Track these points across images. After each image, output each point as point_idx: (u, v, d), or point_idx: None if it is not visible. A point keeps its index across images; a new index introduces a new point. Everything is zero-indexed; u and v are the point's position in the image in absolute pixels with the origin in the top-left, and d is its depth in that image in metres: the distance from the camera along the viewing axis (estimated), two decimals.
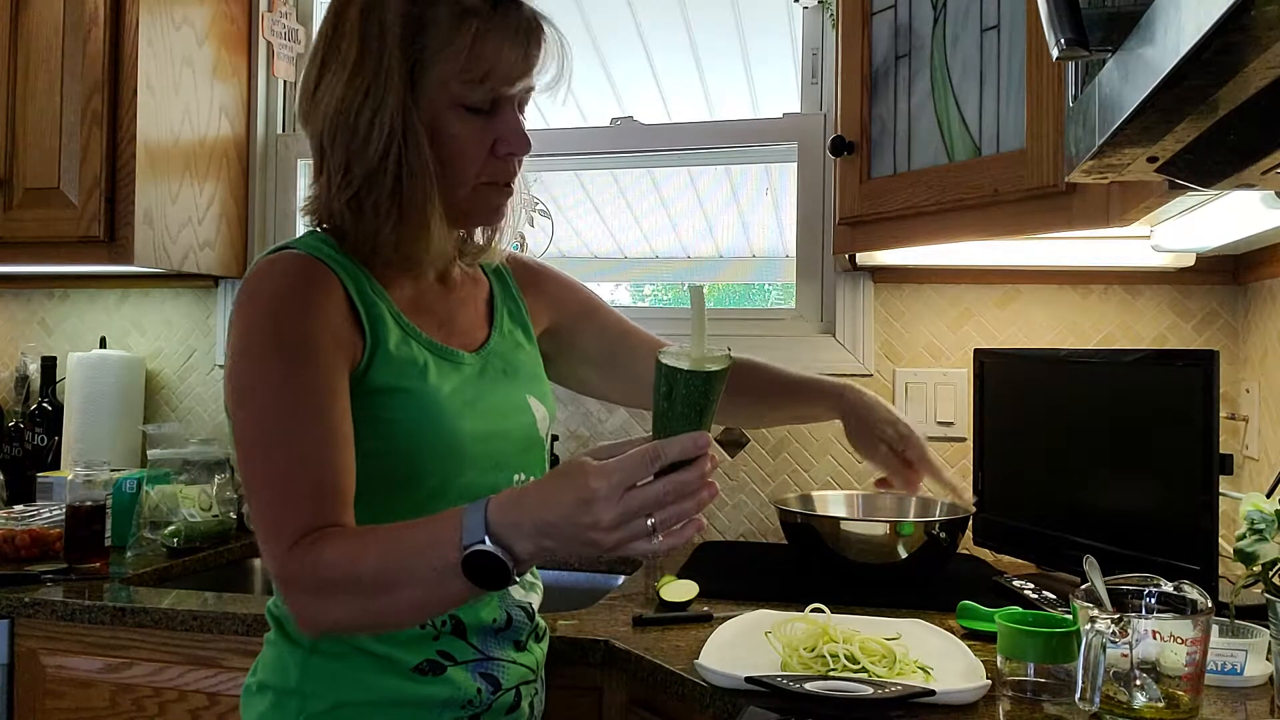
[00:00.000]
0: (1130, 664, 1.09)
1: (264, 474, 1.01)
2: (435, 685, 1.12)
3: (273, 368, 1.02)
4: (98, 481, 1.86)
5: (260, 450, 1.01)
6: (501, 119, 1.12)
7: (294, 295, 1.05)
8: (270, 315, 1.04)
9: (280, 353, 1.03)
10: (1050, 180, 1.41)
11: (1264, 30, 0.58)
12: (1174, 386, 1.48)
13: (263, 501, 1.00)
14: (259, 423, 1.02)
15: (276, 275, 1.07)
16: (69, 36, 2.12)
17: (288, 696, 1.11)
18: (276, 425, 1.01)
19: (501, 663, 1.17)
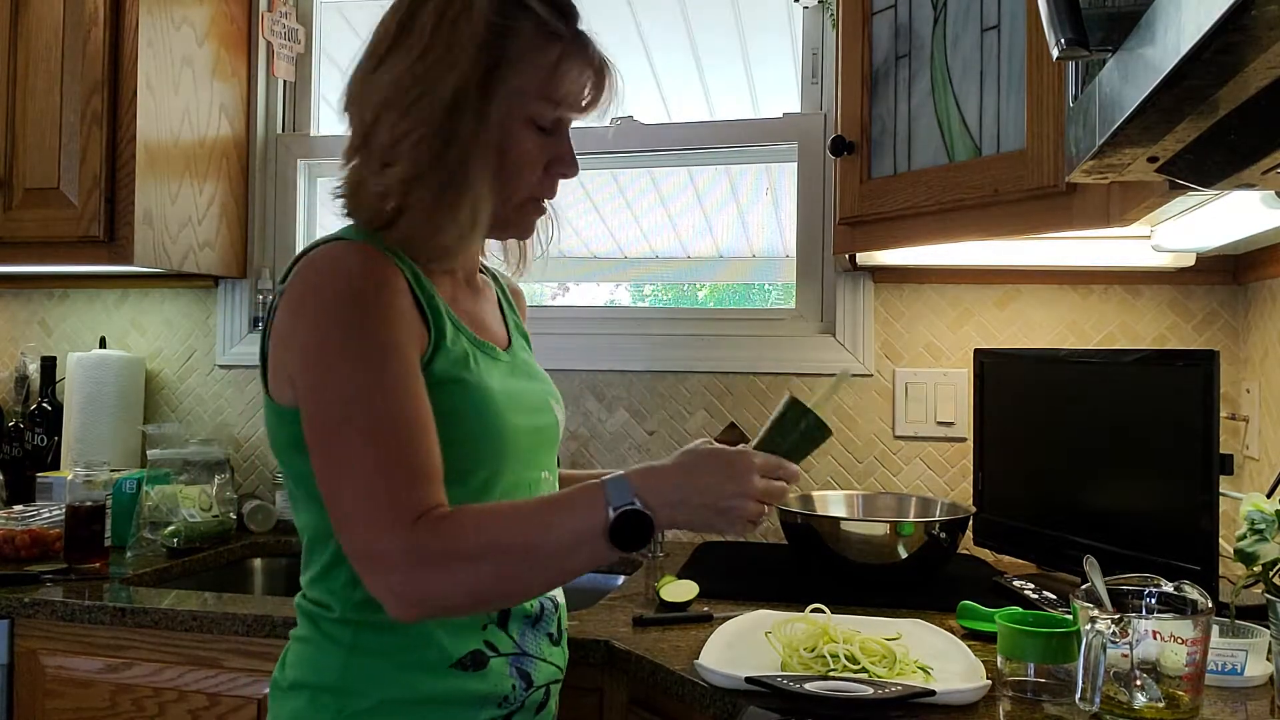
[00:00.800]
0: (1130, 664, 1.09)
1: (372, 456, 0.98)
2: (474, 680, 1.12)
3: (364, 353, 1.01)
4: (97, 482, 1.85)
5: (361, 434, 0.99)
6: (559, 140, 1.16)
7: (371, 282, 1.04)
8: (352, 302, 1.03)
9: (369, 338, 1.02)
10: (1050, 180, 1.41)
11: (1264, 30, 0.58)
12: (1174, 387, 1.48)
13: (371, 483, 0.98)
14: (357, 406, 1.00)
15: (348, 263, 1.05)
16: (69, 36, 2.12)
17: (327, 694, 1.10)
18: (377, 409, 1.00)
19: (535, 659, 1.18)
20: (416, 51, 1.08)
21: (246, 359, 2.45)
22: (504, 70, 1.09)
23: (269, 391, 1.10)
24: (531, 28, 1.11)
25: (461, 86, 1.07)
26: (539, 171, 1.15)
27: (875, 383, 2.14)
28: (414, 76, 1.08)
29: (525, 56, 1.10)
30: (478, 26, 1.08)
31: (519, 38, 1.10)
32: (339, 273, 1.04)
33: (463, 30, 1.08)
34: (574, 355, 2.28)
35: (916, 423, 2.12)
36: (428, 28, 1.08)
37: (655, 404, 2.24)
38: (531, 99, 1.11)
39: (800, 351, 2.18)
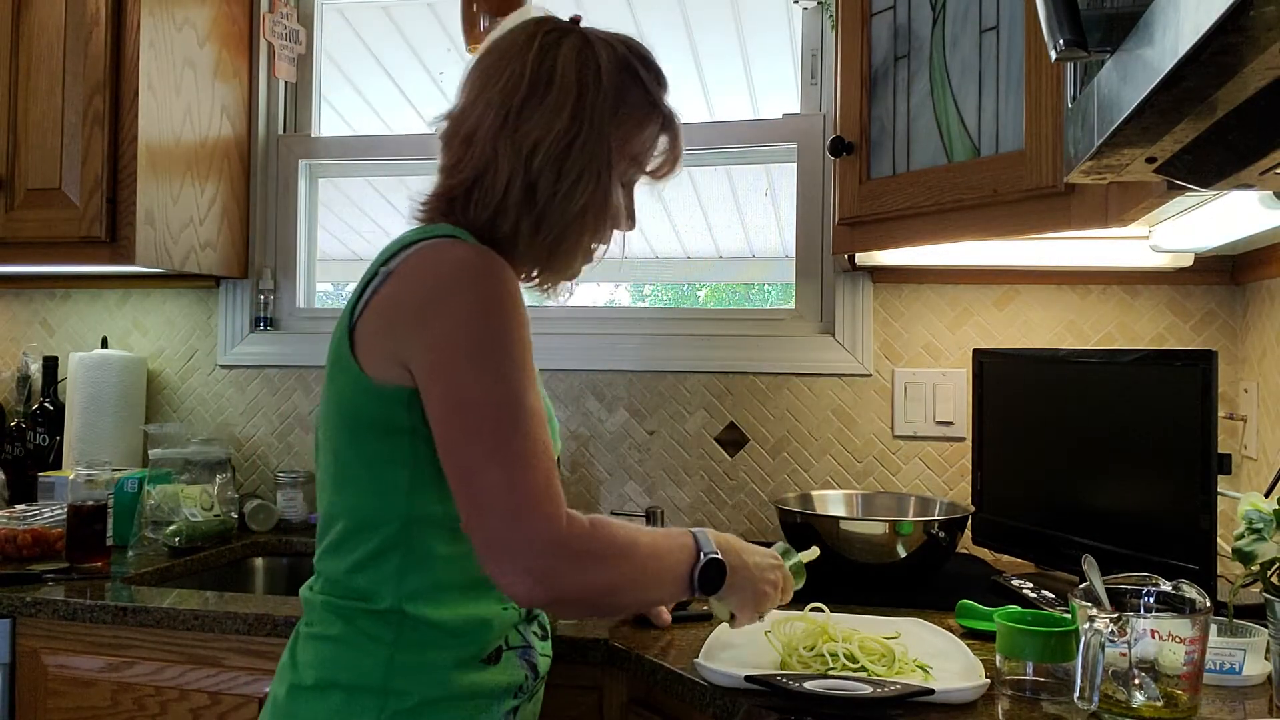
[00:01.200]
0: (1129, 663, 1.09)
1: (528, 451, 1.04)
2: (498, 673, 1.17)
3: (517, 354, 1.07)
4: (99, 481, 1.86)
5: (518, 429, 1.04)
6: (630, 198, 1.27)
7: (514, 286, 1.10)
8: (505, 304, 1.07)
9: (520, 341, 1.07)
10: (1049, 181, 1.41)
11: (1262, 31, 0.58)
12: (1172, 386, 1.49)
13: (528, 476, 1.03)
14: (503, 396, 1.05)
15: (492, 265, 1.10)
16: (70, 37, 2.12)
17: (367, 695, 1.10)
18: (528, 408, 1.05)
19: (537, 653, 1.23)
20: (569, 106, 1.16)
21: (248, 359, 2.46)
22: (620, 132, 1.20)
23: (361, 366, 1.10)
24: (640, 97, 1.21)
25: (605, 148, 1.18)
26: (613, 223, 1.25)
27: (874, 383, 2.15)
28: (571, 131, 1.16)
29: (635, 122, 1.21)
30: (608, 89, 1.18)
31: (631, 106, 1.20)
32: (488, 273, 1.08)
33: (599, 91, 1.17)
34: (574, 355, 2.28)
35: (915, 422, 2.12)
36: (572, 83, 1.17)
37: (655, 404, 2.25)
38: (629, 161, 1.23)
39: (800, 351, 2.18)
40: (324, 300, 2.61)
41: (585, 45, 1.19)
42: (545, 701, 1.35)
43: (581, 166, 1.16)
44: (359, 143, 2.51)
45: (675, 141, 1.27)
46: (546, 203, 1.16)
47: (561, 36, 1.19)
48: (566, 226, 1.18)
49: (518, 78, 1.17)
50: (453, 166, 1.20)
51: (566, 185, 1.16)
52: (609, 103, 1.17)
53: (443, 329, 1.05)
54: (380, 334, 1.09)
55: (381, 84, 2.66)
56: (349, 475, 1.13)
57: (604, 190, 1.18)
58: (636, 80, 1.21)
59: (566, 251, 1.20)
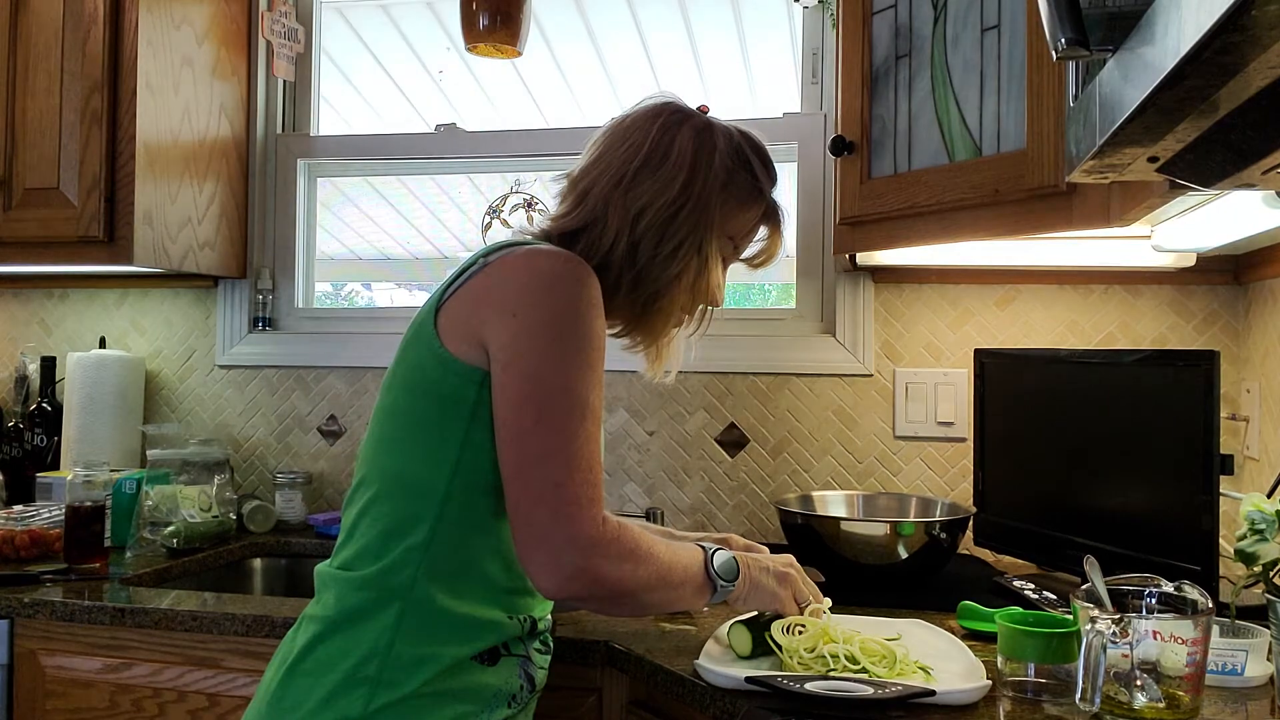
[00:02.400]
0: (1131, 664, 1.09)
1: (587, 446, 1.10)
2: (492, 675, 1.17)
3: (593, 362, 1.12)
4: (97, 482, 1.85)
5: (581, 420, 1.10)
6: (718, 276, 1.33)
7: (599, 294, 1.16)
8: (591, 312, 1.13)
9: (597, 350, 1.13)
10: (1051, 180, 1.41)
11: (1264, 30, 0.58)
12: (1174, 387, 1.48)
13: (584, 470, 1.09)
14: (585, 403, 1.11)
15: (588, 277, 1.15)
16: (68, 36, 2.12)
17: (359, 684, 1.11)
18: (595, 411, 1.12)
19: (535, 666, 1.24)
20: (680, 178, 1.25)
21: (246, 359, 2.46)
22: (724, 211, 1.28)
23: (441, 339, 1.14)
24: (749, 183, 1.31)
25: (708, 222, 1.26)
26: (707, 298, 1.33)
27: (875, 383, 2.14)
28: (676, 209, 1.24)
29: (740, 206, 1.30)
30: (719, 169, 1.27)
31: (737, 189, 1.30)
32: (581, 279, 1.14)
33: (711, 170, 1.26)
34: None
35: (916, 423, 2.12)
36: (687, 159, 1.26)
37: (655, 404, 2.24)
38: (727, 241, 1.32)
39: (800, 351, 2.18)
40: (323, 300, 2.60)
41: (705, 129, 1.29)
42: (546, 703, 1.36)
43: (684, 236, 1.24)
44: (358, 142, 2.51)
45: (775, 233, 1.37)
46: (647, 263, 1.24)
47: (685, 119, 1.29)
48: (662, 288, 1.26)
49: (637, 147, 1.26)
50: (563, 215, 1.29)
51: (668, 250, 1.24)
52: (718, 182, 1.26)
53: (531, 320, 1.11)
54: (468, 314, 1.14)
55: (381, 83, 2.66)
56: (399, 438, 1.16)
57: (703, 261, 1.26)
58: (747, 167, 1.30)
59: (659, 311, 1.28)
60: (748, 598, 1.30)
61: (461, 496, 1.14)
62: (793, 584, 1.33)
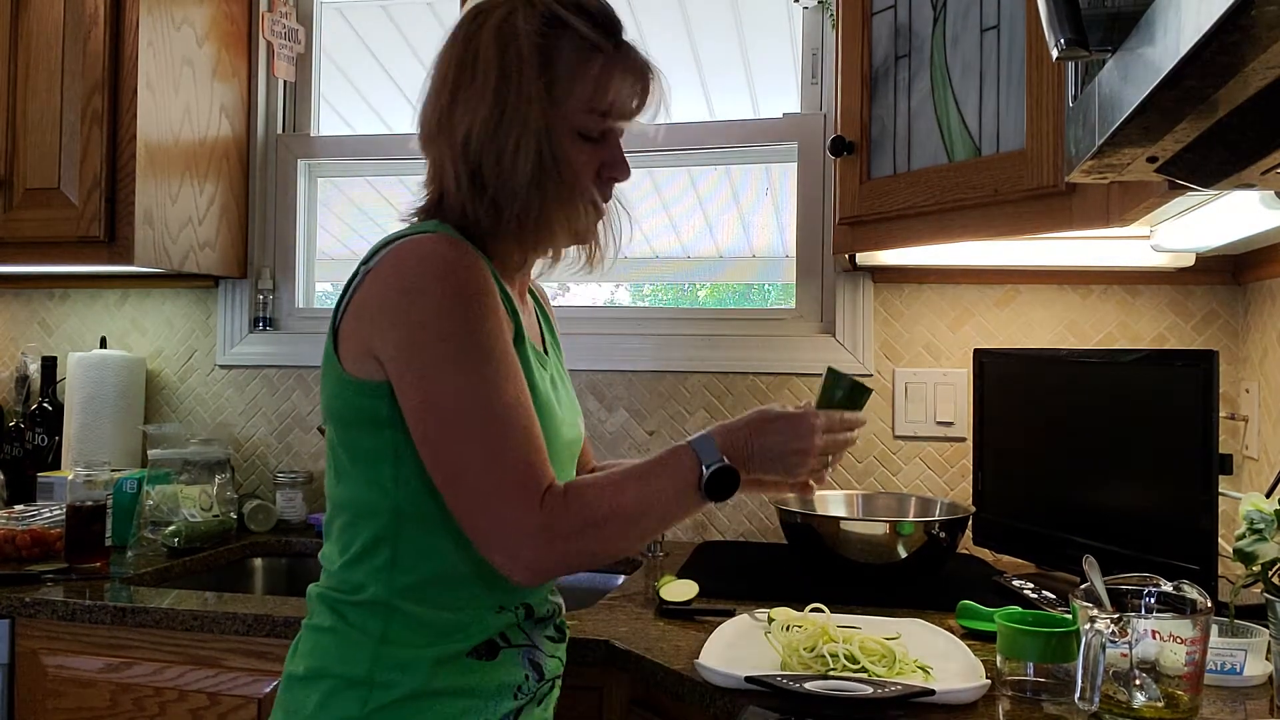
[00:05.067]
0: (1130, 664, 1.09)
1: (500, 437, 1.05)
2: (491, 670, 1.15)
3: (481, 345, 1.07)
4: (98, 481, 1.85)
5: (487, 422, 1.05)
6: (609, 147, 1.21)
7: (476, 275, 1.10)
8: (465, 297, 1.08)
9: (483, 331, 1.07)
10: (1050, 180, 1.41)
11: (1263, 30, 0.58)
12: (1173, 386, 1.48)
13: (500, 467, 1.04)
14: (472, 394, 1.06)
15: (454, 258, 1.09)
16: (69, 36, 2.12)
17: (353, 687, 1.10)
18: (498, 399, 1.06)
19: (544, 653, 1.21)
20: (493, 89, 1.14)
21: (247, 359, 2.46)
22: (557, 90, 1.16)
23: (341, 363, 1.12)
24: (574, 44, 1.17)
25: (539, 119, 1.14)
26: (591, 179, 1.20)
27: (875, 383, 2.14)
28: (497, 114, 1.14)
29: (570, 72, 1.16)
30: (529, 52, 1.14)
31: (563, 56, 1.16)
32: (452, 267, 1.09)
33: (521, 58, 1.14)
34: (574, 355, 2.26)
35: (916, 422, 2.12)
36: (492, 62, 1.15)
37: (655, 404, 2.25)
38: (579, 112, 1.17)
39: (800, 351, 2.18)
40: (323, 300, 2.60)
41: (506, 20, 1.16)
42: None
43: (516, 138, 1.14)
44: (358, 142, 2.51)
45: (635, 73, 1.20)
46: (495, 186, 1.15)
47: (485, 20, 1.18)
48: (523, 200, 1.15)
49: (444, 76, 1.19)
50: (427, 178, 1.24)
51: (508, 161, 1.14)
52: (532, 68, 1.14)
53: (411, 326, 1.07)
54: (358, 332, 1.11)
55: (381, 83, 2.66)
56: (343, 468, 1.15)
57: (551, 153, 1.15)
58: (565, 30, 1.16)
59: (539, 223, 1.16)
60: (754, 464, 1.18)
61: (412, 508, 1.12)
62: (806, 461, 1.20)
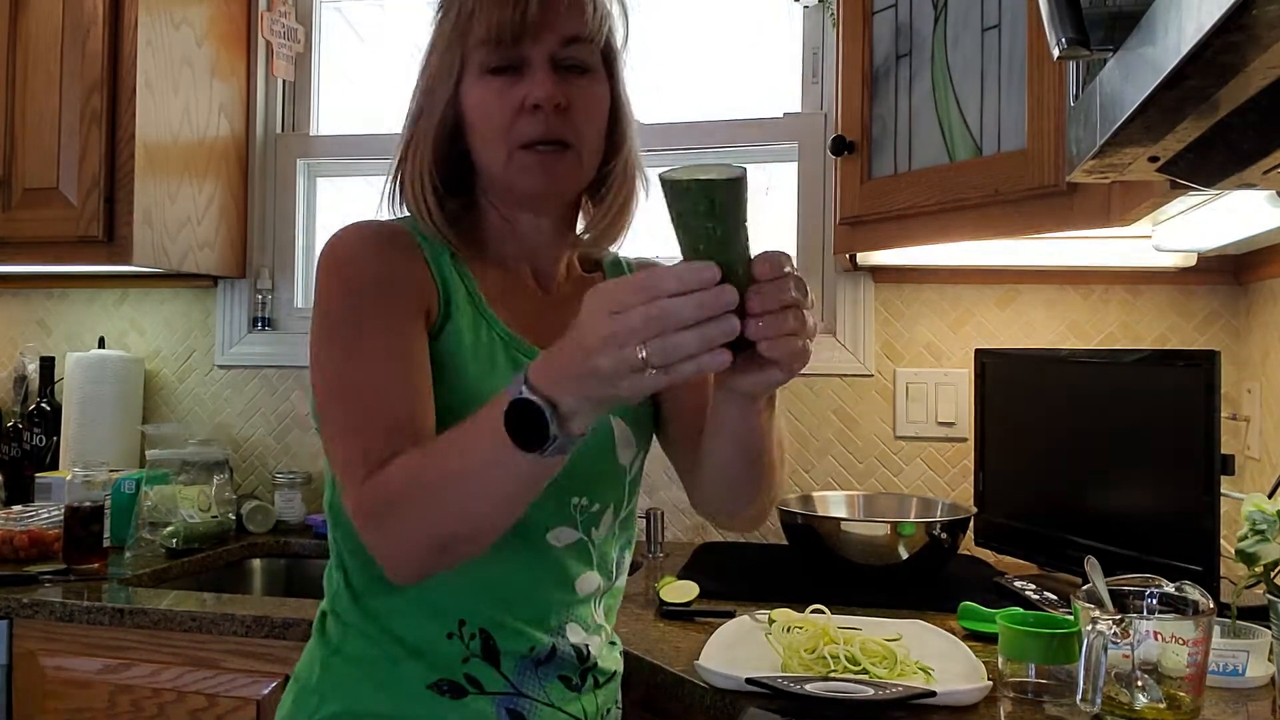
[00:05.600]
0: (1132, 665, 1.09)
1: (342, 421, 0.97)
2: (450, 708, 1.03)
3: (344, 315, 1.00)
4: (96, 482, 1.85)
5: (336, 400, 0.98)
6: (529, 76, 1.04)
7: (367, 247, 1.03)
8: (345, 264, 1.02)
9: (351, 299, 1.00)
10: (1051, 180, 1.40)
11: (1265, 30, 0.58)
12: (1175, 387, 1.48)
13: (340, 450, 0.96)
14: (334, 373, 0.99)
15: (353, 234, 1.04)
16: (68, 36, 2.11)
17: (308, 694, 1.08)
18: (349, 371, 0.98)
19: (534, 701, 1.06)
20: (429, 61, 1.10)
21: (246, 359, 2.45)
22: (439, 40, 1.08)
23: None
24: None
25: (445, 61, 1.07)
26: (507, 115, 1.04)
27: (876, 383, 2.14)
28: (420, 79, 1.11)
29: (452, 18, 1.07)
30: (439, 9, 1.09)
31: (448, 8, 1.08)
32: (330, 249, 1.03)
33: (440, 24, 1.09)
34: None
35: (917, 423, 2.11)
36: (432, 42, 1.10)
37: None
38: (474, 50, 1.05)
39: None
40: None
41: None
42: None
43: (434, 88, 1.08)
44: (358, 142, 2.50)
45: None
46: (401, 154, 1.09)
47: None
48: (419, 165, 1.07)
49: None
50: None
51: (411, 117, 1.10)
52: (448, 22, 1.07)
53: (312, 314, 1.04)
54: None
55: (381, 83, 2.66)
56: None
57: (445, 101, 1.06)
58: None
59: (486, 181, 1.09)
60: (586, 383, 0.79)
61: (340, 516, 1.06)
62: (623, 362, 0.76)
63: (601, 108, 1.09)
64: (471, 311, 1.06)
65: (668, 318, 0.74)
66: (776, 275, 0.83)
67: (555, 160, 1.05)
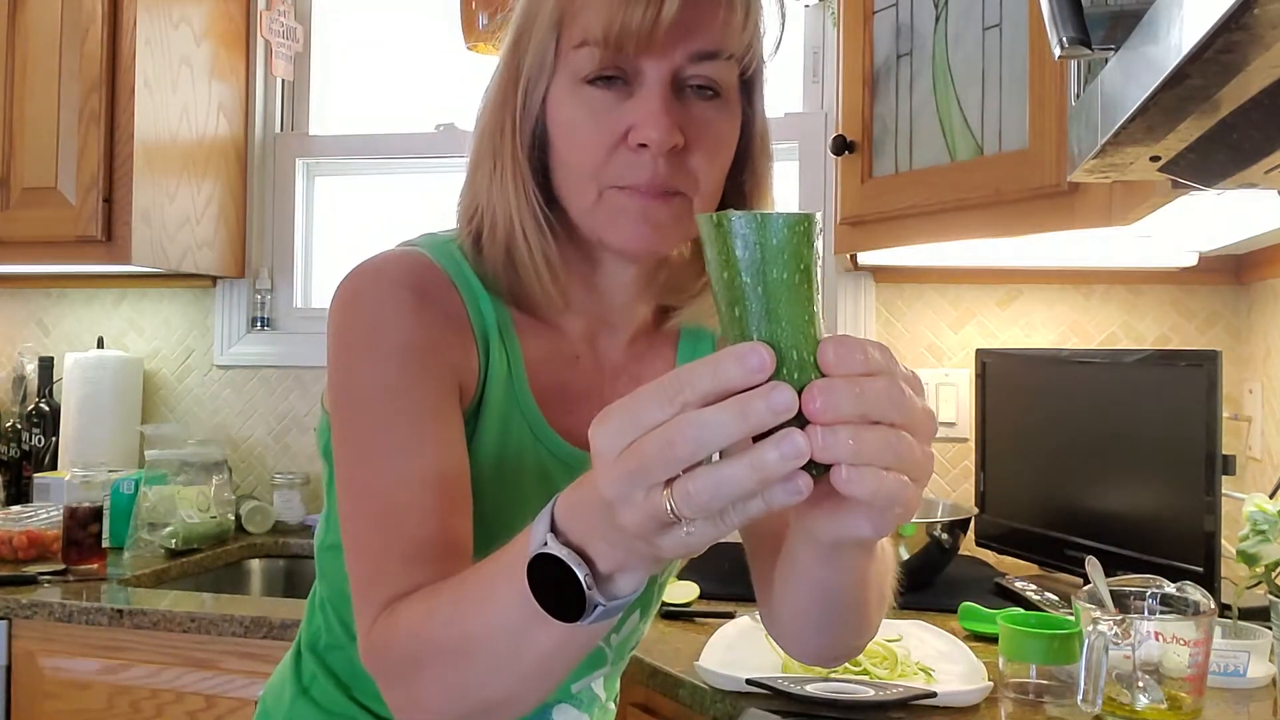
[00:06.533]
0: (1133, 665, 1.09)
1: (355, 532, 0.78)
2: None
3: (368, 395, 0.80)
4: (95, 482, 1.85)
5: (352, 499, 0.79)
6: (639, 96, 0.79)
7: (403, 304, 0.81)
8: (376, 326, 0.81)
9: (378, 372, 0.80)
10: (1052, 179, 1.40)
11: (1267, 29, 0.57)
12: (1176, 387, 1.48)
13: (354, 563, 0.78)
14: (350, 465, 0.80)
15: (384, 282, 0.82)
16: (67, 35, 2.11)
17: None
18: (369, 476, 0.78)
19: None
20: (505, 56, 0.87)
21: (245, 359, 2.45)
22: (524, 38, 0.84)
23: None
24: None
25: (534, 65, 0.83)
26: (604, 145, 0.80)
27: None
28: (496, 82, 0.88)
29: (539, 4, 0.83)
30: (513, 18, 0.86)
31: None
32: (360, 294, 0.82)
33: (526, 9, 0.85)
34: None
35: None
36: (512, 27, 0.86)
37: None
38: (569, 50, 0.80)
39: None
40: (322, 300, 2.60)
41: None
42: None
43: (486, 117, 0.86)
44: (357, 142, 2.50)
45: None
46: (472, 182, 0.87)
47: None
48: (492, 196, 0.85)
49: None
50: None
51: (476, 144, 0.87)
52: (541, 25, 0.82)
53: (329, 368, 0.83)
54: None
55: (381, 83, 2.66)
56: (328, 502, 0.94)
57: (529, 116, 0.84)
58: None
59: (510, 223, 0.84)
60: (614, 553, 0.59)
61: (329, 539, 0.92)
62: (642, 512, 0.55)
63: (729, 146, 0.85)
64: (505, 394, 0.86)
65: (699, 440, 0.50)
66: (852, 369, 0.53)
67: (659, 208, 0.80)
